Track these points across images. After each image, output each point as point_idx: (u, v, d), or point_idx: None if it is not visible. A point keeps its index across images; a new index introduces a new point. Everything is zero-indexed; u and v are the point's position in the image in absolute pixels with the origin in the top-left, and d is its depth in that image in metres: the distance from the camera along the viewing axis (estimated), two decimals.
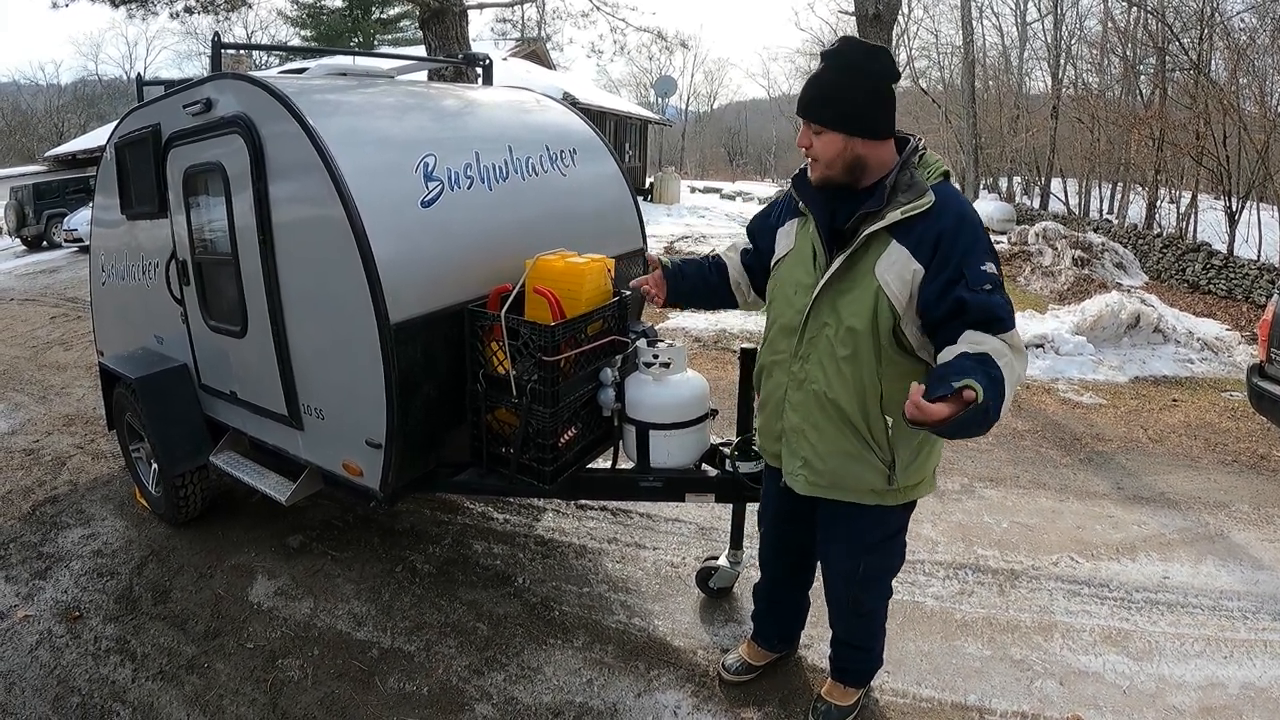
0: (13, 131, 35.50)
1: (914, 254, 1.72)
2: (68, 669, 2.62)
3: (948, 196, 1.75)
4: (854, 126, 1.75)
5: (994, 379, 1.55)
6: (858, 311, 1.78)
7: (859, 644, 2.23)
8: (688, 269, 2.29)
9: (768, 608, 2.45)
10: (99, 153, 3.85)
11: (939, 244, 1.70)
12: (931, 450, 1.96)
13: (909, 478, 1.92)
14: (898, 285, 1.73)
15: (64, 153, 21.82)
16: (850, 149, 1.77)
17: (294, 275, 2.63)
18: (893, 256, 1.74)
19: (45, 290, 10.40)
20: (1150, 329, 6.46)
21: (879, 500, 1.93)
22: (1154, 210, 13.01)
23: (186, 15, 10.45)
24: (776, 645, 2.50)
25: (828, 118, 1.76)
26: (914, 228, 1.72)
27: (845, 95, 1.75)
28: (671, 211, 16.10)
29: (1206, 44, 11.74)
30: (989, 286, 1.67)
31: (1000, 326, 1.65)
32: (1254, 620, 2.83)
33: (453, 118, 3.18)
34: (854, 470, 1.89)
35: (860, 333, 1.79)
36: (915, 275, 1.72)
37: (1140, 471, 4.15)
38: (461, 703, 2.42)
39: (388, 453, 2.50)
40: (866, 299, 1.77)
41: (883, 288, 1.75)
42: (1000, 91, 22.20)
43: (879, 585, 2.12)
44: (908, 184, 1.75)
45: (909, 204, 1.72)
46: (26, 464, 4.31)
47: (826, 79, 1.77)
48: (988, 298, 1.66)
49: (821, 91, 1.77)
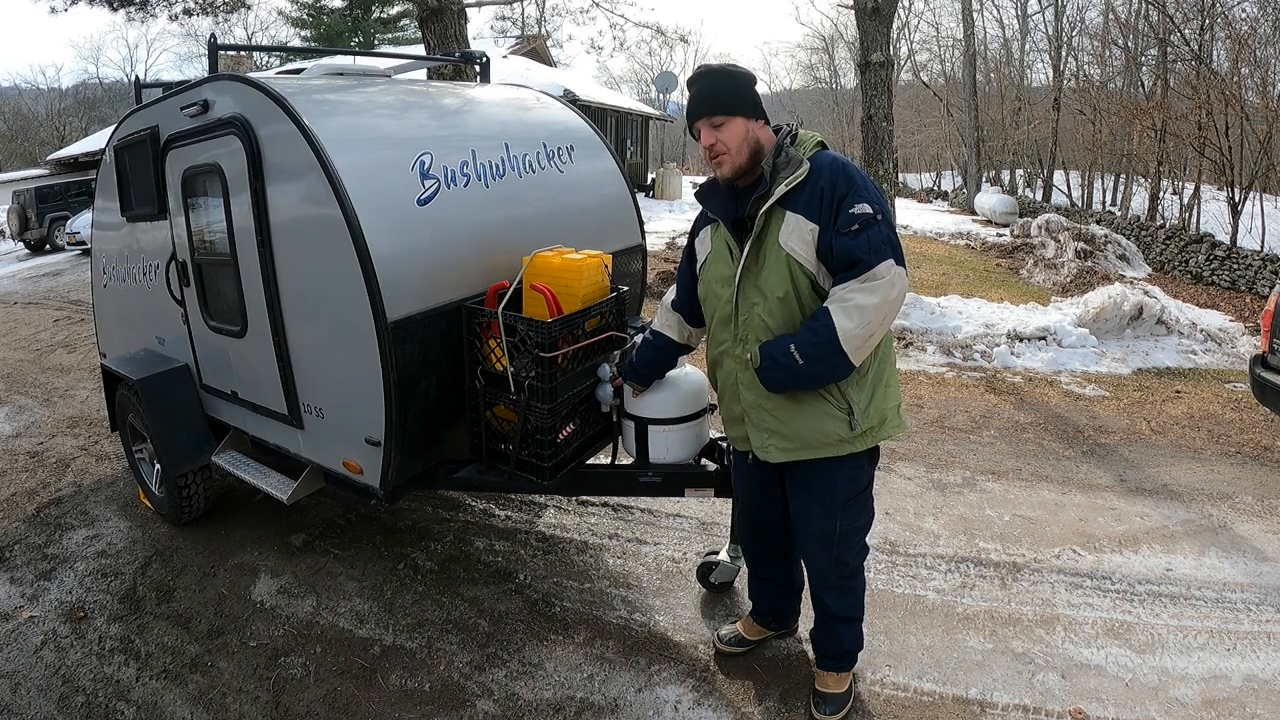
0: (14, 135, 35.60)
1: (806, 216, 1.92)
2: (72, 669, 2.64)
3: (822, 161, 1.96)
4: (749, 109, 2.00)
5: (810, 327, 1.88)
6: (778, 283, 1.97)
7: (846, 613, 2.27)
8: (655, 370, 2.53)
9: (756, 583, 2.57)
10: (100, 155, 3.86)
11: (823, 200, 1.91)
12: (886, 387, 2.06)
13: (870, 418, 2.02)
14: (802, 248, 1.93)
15: (65, 156, 21.91)
16: (750, 132, 2.00)
17: (292, 275, 2.64)
18: (790, 225, 1.94)
19: (48, 293, 10.44)
20: (1153, 320, 6.44)
21: (851, 448, 2.04)
22: (1157, 202, 12.97)
23: (186, 17, 10.49)
24: (770, 623, 2.58)
25: (724, 107, 1.99)
26: (800, 195, 1.94)
27: (732, 88, 2.01)
28: (673, 207, 16.07)
29: (1208, 35, 11.68)
30: (855, 227, 1.86)
31: (860, 267, 1.85)
32: (1257, 612, 2.83)
33: (450, 116, 3.18)
34: (817, 425, 2.01)
35: (785, 299, 1.98)
36: (813, 234, 1.92)
37: (1143, 463, 4.14)
38: (463, 699, 2.43)
39: (387, 450, 2.51)
40: (781, 269, 1.96)
41: (790, 255, 1.94)
42: (1002, 84, 22.13)
43: (855, 541, 2.21)
44: (785, 162, 1.97)
45: (789, 176, 1.94)
46: (31, 466, 4.33)
47: (712, 84, 2.02)
48: (850, 240, 1.86)
49: (713, 92, 2.01)
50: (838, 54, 35.98)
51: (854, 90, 29.82)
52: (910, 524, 3.44)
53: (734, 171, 2.02)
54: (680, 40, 20.11)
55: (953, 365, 5.92)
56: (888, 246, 1.86)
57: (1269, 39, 11.70)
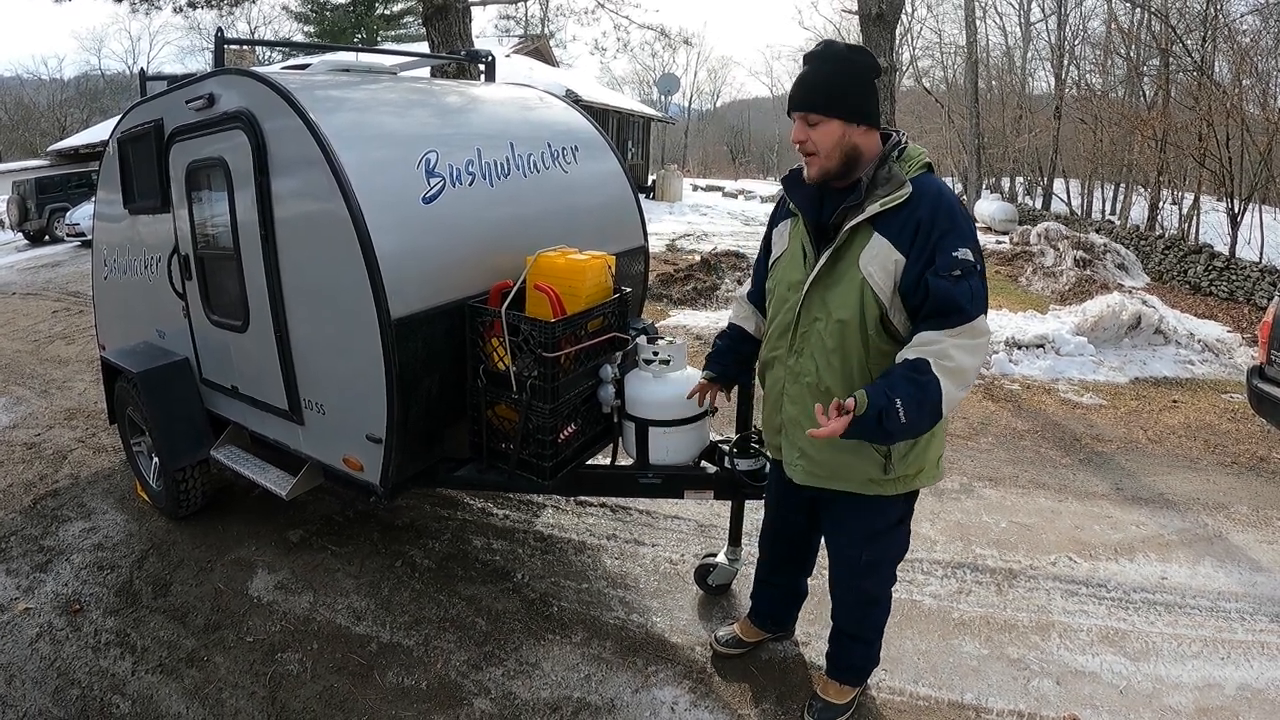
0: (15, 126, 35.48)
1: (895, 244, 1.76)
2: (68, 662, 2.63)
3: (926, 186, 1.79)
4: (849, 113, 1.80)
5: (918, 384, 1.67)
6: (845, 304, 1.83)
7: (860, 635, 2.25)
8: (728, 360, 2.37)
9: (762, 587, 2.55)
10: (101, 147, 3.85)
11: (918, 232, 1.75)
12: (931, 439, 1.94)
13: (907, 467, 1.93)
14: (881, 276, 1.78)
15: (66, 147, 21.87)
16: (848, 136, 1.81)
17: (296, 270, 2.64)
18: (875, 248, 1.79)
19: (47, 284, 10.42)
20: (1151, 330, 6.46)
21: (878, 490, 1.94)
22: (1156, 211, 12.99)
23: (190, 10, 10.46)
24: (769, 626, 2.58)
25: (823, 105, 1.80)
26: (894, 219, 1.77)
27: (838, 84, 1.80)
28: (674, 209, 16.10)
29: (1210, 46, 11.72)
30: (957, 272, 1.71)
31: (958, 317, 1.70)
32: (1251, 621, 2.84)
33: (455, 114, 3.18)
34: (849, 460, 1.92)
35: (848, 324, 1.84)
36: (898, 265, 1.77)
37: (1139, 472, 4.16)
38: (460, 697, 2.43)
39: (388, 448, 2.51)
40: (853, 291, 1.82)
41: (867, 279, 1.79)
42: (1003, 91, 22.16)
43: (882, 572, 2.16)
44: (886, 178, 1.79)
45: (887, 196, 1.77)
46: (28, 458, 4.32)
47: (817, 72, 1.82)
48: (950, 285, 1.70)
49: (815, 84, 1.81)
50: None
51: None
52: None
53: (822, 174, 1.86)
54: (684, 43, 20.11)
55: None
56: (985, 301, 1.74)
57: (1271, 51, 11.74)
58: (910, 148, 1.88)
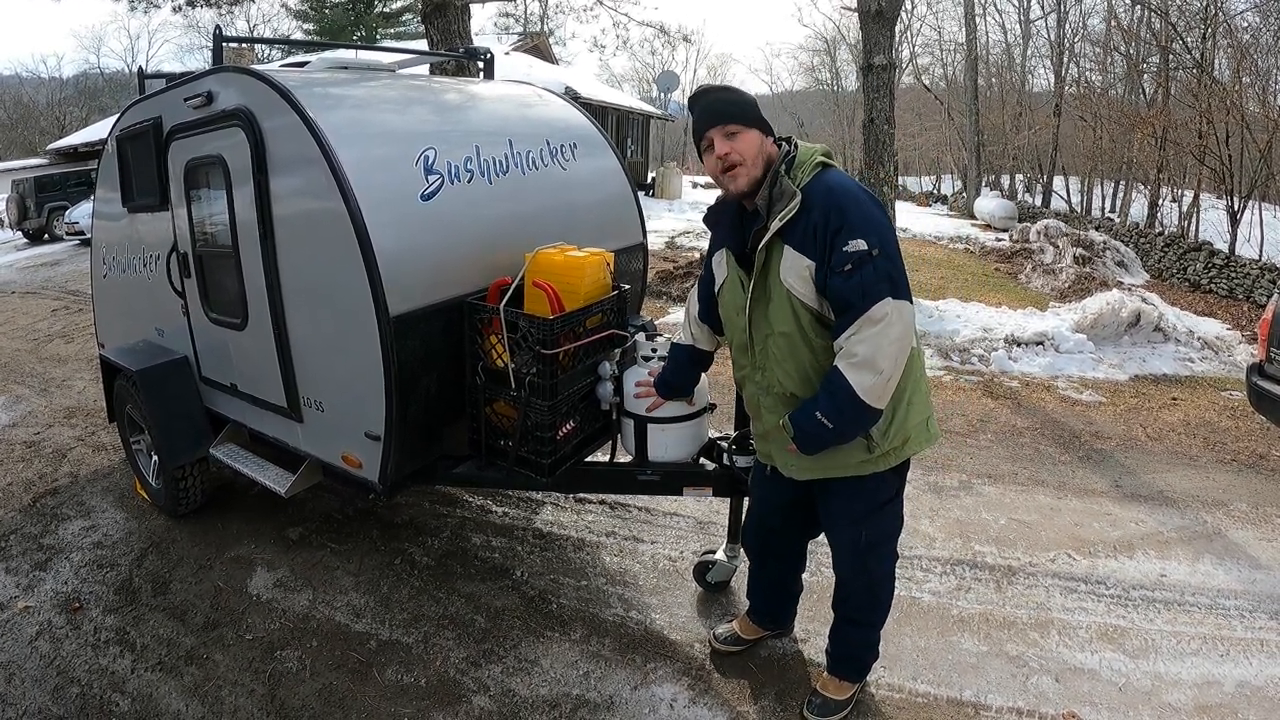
0: (14, 124, 35.44)
1: (801, 251, 1.87)
2: (67, 660, 2.64)
3: (814, 189, 1.88)
4: (761, 123, 1.96)
5: (829, 389, 1.85)
6: (782, 318, 1.94)
7: (870, 620, 2.27)
8: (675, 380, 2.47)
9: (755, 584, 2.58)
10: (100, 146, 3.85)
11: (815, 236, 1.85)
12: (909, 406, 2.00)
13: (890, 441, 1.99)
14: (800, 285, 1.89)
15: (65, 146, 21.84)
16: (764, 144, 1.95)
17: (294, 268, 2.64)
18: (789, 260, 1.89)
19: (46, 283, 10.41)
20: (1151, 327, 6.46)
21: (873, 467, 2.01)
22: (1156, 209, 12.99)
23: (189, 8, 10.46)
24: (766, 623, 2.60)
25: (740, 116, 1.93)
26: (795, 228, 1.87)
27: (742, 100, 1.97)
28: (673, 207, 16.07)
29: (1210, 43, 11.70)
30: (848, 267, 1.80)
31: (853, 313, 1.81)
32: (1250, 619, 2.84)
33: (453, 112, 3.18)
34: (836, 450, 1.99)
35: (791, 335, 1.95)
36: (810, 270, 1.87)
37: (1139, 469, 4.16)
38: (459, 694, 2.43)
39: (387, 445, 2.51)
40: (784, 305, 1.93)
41: (790, 291, 1.90)
42: (1003, 89, 22.16)
43: (883, 549, 2.20)
44: (779, 194, 1.90)
45: (783, 210, 1.87)
46: (27, 456, 4.32)
47: (719, 98, 1.98)
48: (843, 282, 1.81)
49: (724, 103, 1.96)
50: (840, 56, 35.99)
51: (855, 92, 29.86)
52: (906, 526, 3.40)
53: (750, 184, 1.93)
54: (683, 40, 20.08)
55: (950, 368, 5.93)
56: (884, 283, 1.79)
57: (1271, 48, 11.72)
58: (800, 151, 1.97)
